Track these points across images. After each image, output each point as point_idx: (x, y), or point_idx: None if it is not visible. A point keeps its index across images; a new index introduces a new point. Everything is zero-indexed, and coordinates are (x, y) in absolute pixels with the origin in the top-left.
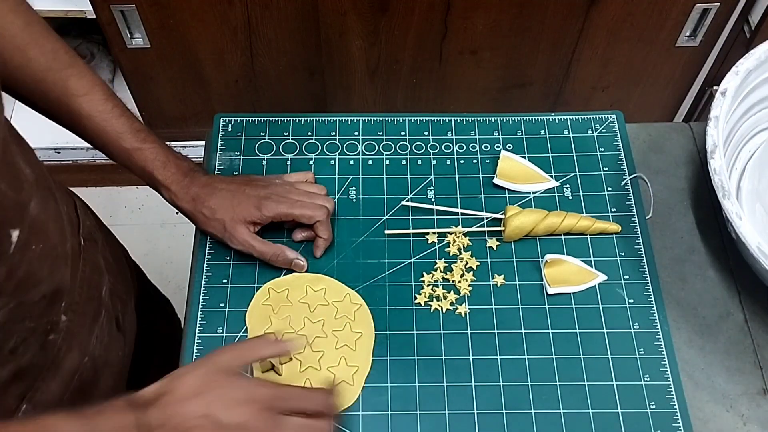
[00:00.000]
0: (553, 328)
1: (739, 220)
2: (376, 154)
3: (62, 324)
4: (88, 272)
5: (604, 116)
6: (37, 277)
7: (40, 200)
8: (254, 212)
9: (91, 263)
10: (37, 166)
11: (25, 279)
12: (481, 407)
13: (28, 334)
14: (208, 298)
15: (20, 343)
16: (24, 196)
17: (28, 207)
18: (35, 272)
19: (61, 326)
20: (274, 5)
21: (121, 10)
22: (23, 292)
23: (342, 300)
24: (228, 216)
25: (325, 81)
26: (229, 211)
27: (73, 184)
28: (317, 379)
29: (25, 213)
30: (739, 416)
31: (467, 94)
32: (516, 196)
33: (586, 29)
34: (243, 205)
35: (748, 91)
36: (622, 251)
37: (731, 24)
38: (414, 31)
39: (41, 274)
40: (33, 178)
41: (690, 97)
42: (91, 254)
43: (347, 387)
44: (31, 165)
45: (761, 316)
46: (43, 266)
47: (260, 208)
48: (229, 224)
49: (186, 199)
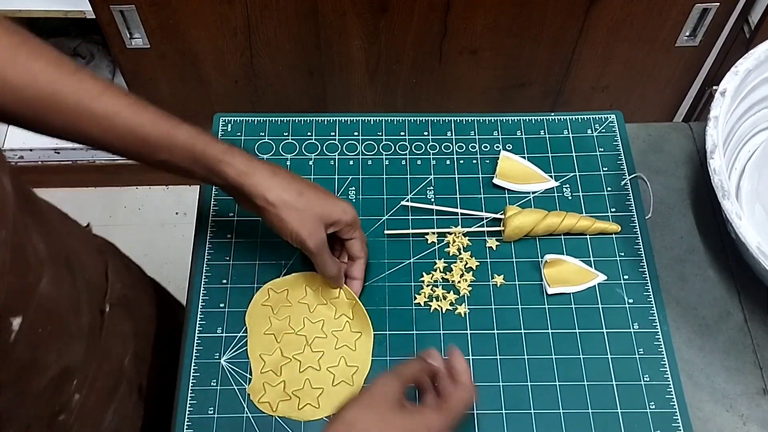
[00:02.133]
0: (552, 328)
1: (738, 220)
2: (376, 154)
3: (74, 403)
4: (110, 344)
5: (603, 116)
6: (44, 363)
7: (53, 276)
8: (341, 214)
9: (114, 333)
10: (54, 235)
11: (29, 367)
12: (480, 407)
13: (31, 421)
14: (207, 298)
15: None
16: (31, 278)
17: (36, 289)
18: (41, 358)
19: (72, 406)
20: (273, 5)
21: (120, 10)
22: (26, 381)
23: (338, 297)
24: (317, 209)
25: (324, 81)
26: (319, 204)
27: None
28: (317, 379)
29: (32, 296)
30: (739, 416)
31: (467, 94)
32: (515, 196)
33: (585, 29)
34: (332, 202)
35: (747, 91)
36: (622, 251)
37: (731, 24)
38: (414, 31)
39: (49, 359)
40: (46, 252)
41: (690, 97)
42: (116, 322)
43: (347, 387)
44: (45, 236)
45: (761, 316)
46: (50, 350)
47: (347, 212)
48: (313, 219)
49: (261, 172)
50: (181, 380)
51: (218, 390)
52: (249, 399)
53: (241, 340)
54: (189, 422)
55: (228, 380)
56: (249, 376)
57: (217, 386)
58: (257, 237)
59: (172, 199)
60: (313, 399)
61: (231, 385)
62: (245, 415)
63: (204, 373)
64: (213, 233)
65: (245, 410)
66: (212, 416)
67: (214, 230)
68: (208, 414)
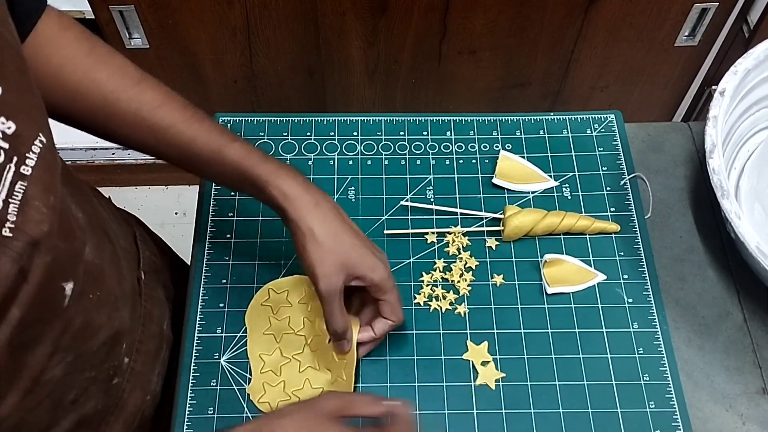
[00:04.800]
0: (552, 328)
1: (737, 220)
2: (375, 154)
3: (125, 366)
4: (149, 308)
5: (603, 116)
6: (96, 326)
7: (95, 244)
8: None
9: (151, 298)
10: (89, 205)
11: (83, 330)
12: (480, 407)
13: (89, 384)
14: (207, 298)
15: (81, 393)
16: (77, 245)
17: (82, 255)
18: (93, 321)
19: (124, 369)
20: (273, 6)
21: (119, 10)
22: (81, 344)
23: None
24: (344, 255)
25: (324, 81)
26: (349, 250)
27: None
28: (317, 379)
29: (79, 262)
30: (739, 415)
31: (466, 94)
32: (515, 195)
33: (585, 29)
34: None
35: (746, 90)
36: (621, 251)
37: (730, 23)
38: (413, 31)
39: (99, 321)
40: (85, 221)
41: (689, 96)
42: (151, 288)
43: (343, 384)
44: (83, 206)
45: (760, 316)
46: (101, 314)
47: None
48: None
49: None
50: (181, 380)
51: (218, 390)
52: (249, 399)
53: (240, 340)
54: (189, 422)
55: (228, 380)
56: (249, 376)
57: (217, 386)
58: (257, 237)
59: (171, 200)
60: None
61: (231, 385)
62: (245, 415)
63: (204, 373)
64: (212, 233)
65: (245, 410)
66: (212, 416)
67: (214, 230)
68: (208, 414)
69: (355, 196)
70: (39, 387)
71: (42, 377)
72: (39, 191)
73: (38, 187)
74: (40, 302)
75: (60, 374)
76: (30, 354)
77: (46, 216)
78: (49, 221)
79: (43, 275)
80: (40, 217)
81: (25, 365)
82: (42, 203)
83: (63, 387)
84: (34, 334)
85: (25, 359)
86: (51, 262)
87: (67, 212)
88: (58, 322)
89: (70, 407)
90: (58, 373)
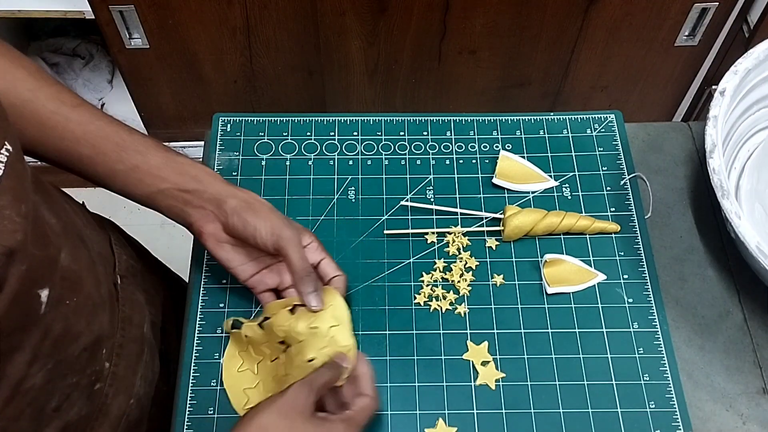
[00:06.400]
0: (552, 328)
1: (738, 220)
2: (375, 154)
3: (106, 371)
4: (128, 312)
5: (603, 116)
6: (75, 332)
7: (71, 250)
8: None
9: (129, 302)
10: (63, 212)
11: (62, 336)
12: (480, 407)
13: (71, 390)
14: (207, 298)
15: (64, 400)
16: (53, 251)
17: (57, 261)
18: (72, 328)
19: (105, 374)
20: (272, 5)
21: (119, 10)
22: (61, 350)
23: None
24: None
25: (324, 81)
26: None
27: (71, 185)
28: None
29: (55, 269)
30: (739, 415)
31: (466, 94)
32: (515, 195)
33: (585, 29)
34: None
35: (746, 90)
36: (622, 251)
37: (730, 23)
38: (413, 31)
39: (79, 327)
40: (59, 227)
41: (689, 96)
42: (128, 292)
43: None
44: (56, 212)
45: (760, 315)
46: (80, 319)
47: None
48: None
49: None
50: (181, 380)
51: (218, 390)
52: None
53: None
54: (189, 422)
55: None
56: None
57: (217, 386)
58: None
59: None
60: None
61: None
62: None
63: (204, 373)
64: None
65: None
66: (212, 416)
67: None
68: (208, 414)
69: (355, 196)
70: (20, 395)
71: (22, 385)
72: (9, 201)
73: (8, 197)
74: (16, 311)
75: (41, 382)
76: (9, 362)
77: (19, 225)
78: (22, 230)
79: (18, 283)
80: (13, 226)
81: (4, 374)
82: (14, 212)
83: (45, 394)
84: (12, 343)
85: (4, 368)
86: (26, 270)
87: (40, 219)
88: (36, 329)
89: (53, 414)
90: (39, 381)
